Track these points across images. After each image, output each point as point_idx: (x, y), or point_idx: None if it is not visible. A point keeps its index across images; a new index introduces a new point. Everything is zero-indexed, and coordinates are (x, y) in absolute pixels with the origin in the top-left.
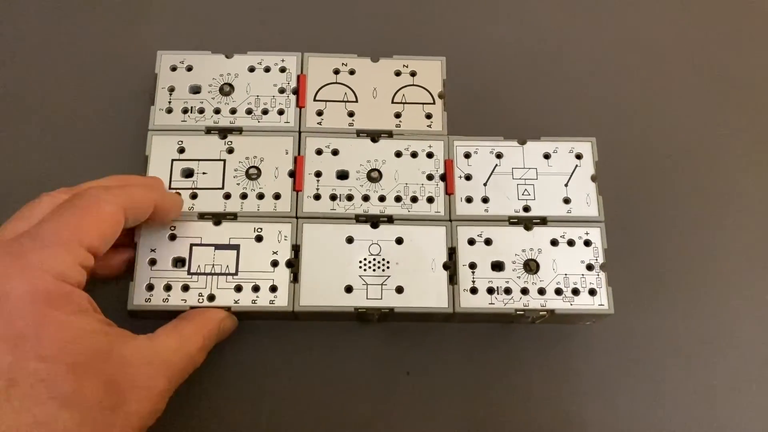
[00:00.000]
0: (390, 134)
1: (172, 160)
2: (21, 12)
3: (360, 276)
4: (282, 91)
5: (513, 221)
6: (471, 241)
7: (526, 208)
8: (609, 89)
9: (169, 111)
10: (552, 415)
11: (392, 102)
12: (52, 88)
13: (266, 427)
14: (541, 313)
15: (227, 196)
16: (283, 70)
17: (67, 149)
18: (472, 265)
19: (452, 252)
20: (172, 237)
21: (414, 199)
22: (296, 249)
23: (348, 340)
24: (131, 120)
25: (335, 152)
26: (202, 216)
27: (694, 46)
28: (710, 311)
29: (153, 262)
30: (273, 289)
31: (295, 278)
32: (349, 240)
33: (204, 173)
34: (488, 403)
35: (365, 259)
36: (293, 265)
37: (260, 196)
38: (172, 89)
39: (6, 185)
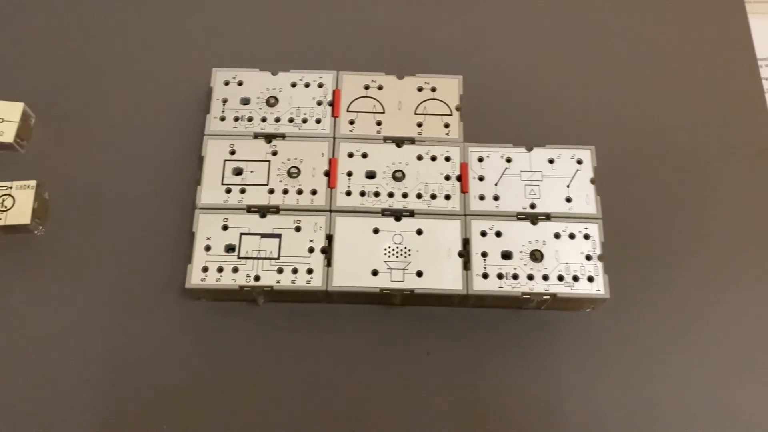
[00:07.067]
0: (413, 141)
1: (225, 161)
2: (92, 35)
3: (385, 261)
4: (319, 103)
5: (521, 217)
6: (483, 233)
7: (533, 206)
8: (607, 102)
9: (222, 119)
10: (554, 393)
11: (415, 113)
12: (121, 101)
13: (299, 401)
14: (544, 297)
15: (271, 192)
16: (320, 85)
17: (132, 153)
18: (484, 254)
19: (466, 242)
20: (225, 227)
21: (433, 197)
22: (330, 238)
23: (373, 323)
24: (189, 127)
25: (365, 155)
26: (250, 209)
27: (682, 58)
28: (699, 298)
29: (208, 248)
30: (309, 271)
31: (328, 263)
32: (376, 231)
33: (252, 172)
34: (498, 380)
35: (389, 248)
36: (327, 251)
37: (299, 192)
38: (225, 100)
39: (74, 188)
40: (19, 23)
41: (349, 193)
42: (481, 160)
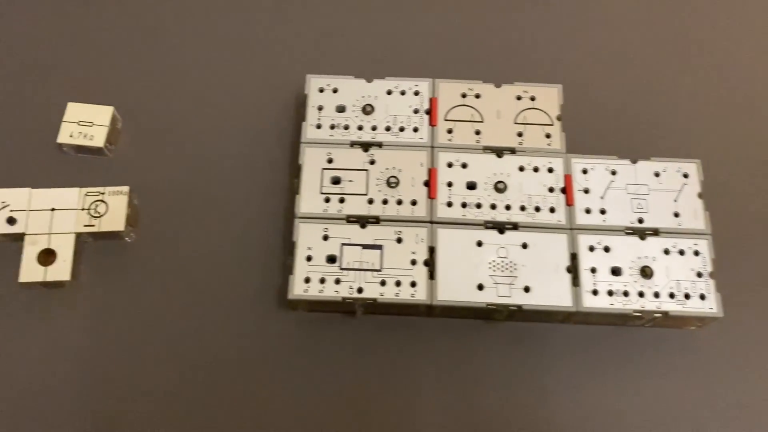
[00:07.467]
0: (513, 151)
1: (323, 169)
2: (183, 39)
3: (490, 276)
4: (416, 111)
5: (629, 231)
6: (591, 248)
7: (640, 220)
8: (714, 112)
9: (319, 127)
10: (664, 410)
11: (515, 123)
12: (211, 106)
13: (399, 414)
14: (655, 314)
15: (370, 202)
16: (416, 93)
17: (221, 159)
18: (593, 270)
19: (574, 257)
20: (325, 237)
21: (537, 209)
22: (432, 250)
23: (474, 338)
24: (279, 134)
25: (464, 165)
26: (350, 219)
27: None
28: None
29: (309, 258)
30: (413, 284)
31: (431, 276)
32: (479, 243)
33: (350, 181)
34: (602, 397)
35: (494, 261)
36: (429, 264)
37: (399, 202)
38: (320, 108)
39: (163, 194)
40: (109, 27)
41: (450, 204)
42: (585, 172)
